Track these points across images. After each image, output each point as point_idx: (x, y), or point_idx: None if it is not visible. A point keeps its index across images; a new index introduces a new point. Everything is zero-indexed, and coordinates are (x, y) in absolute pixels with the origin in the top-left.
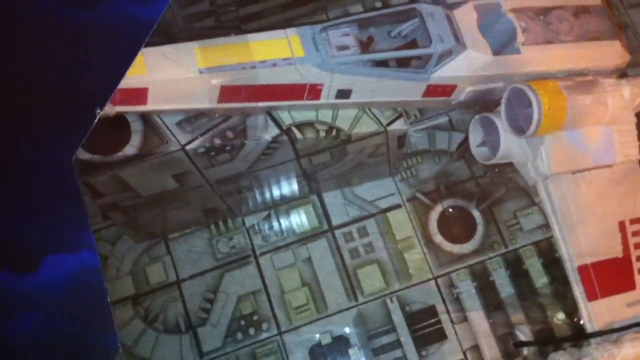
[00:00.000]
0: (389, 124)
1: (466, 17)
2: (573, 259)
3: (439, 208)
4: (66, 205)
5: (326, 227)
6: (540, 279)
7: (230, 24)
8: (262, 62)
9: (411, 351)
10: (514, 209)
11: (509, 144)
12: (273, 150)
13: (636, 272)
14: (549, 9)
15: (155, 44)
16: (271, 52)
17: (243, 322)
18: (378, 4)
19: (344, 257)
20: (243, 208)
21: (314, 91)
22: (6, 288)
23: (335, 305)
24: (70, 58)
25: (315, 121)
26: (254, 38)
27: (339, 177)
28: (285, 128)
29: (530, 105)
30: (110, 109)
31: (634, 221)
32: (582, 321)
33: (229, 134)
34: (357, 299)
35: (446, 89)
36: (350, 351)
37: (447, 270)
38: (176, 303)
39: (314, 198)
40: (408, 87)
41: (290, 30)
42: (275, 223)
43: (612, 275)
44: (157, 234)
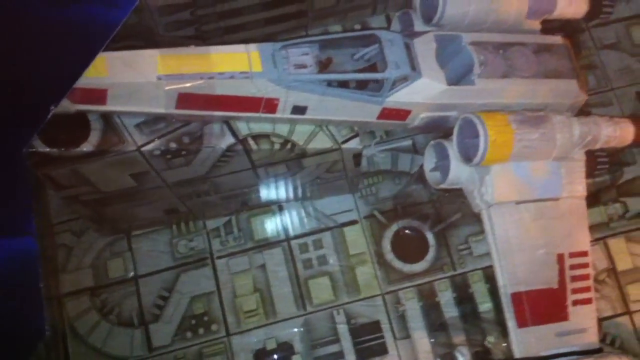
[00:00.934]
0: (344, 142)
1: (425, 47)
2: (507, 285)
3: (395, 227)
4: (11, 193)
5: (283, 236)
6: (485, 304)
7: (210, 34)
8: (220, 73)
9: None
10: (467, 234)
11: (459, 170)
12: (229, 158)
13: (570, 304)
14: (510, 44)
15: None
16: (230, 64)
17: (194, 321)
18: (357, 26)
19: (297, 267)
20: (205, 211)
21: (270, 105)
22: None
23: (284, 313)
24: (32, 54)
25: (271, 133)
26: (215, 50)
27: (296, 190)
28: (241, 138)
29: (478, 136)
30: (71, 106)
31: (573, 255)
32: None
33: (185, 140)
34: (305, 308)
35: (400, 113)
36: (293, 357)
37: (396, 287)
38: (132, 298)
39: (274, 207)
40: (363, 109)
41: (251, 46)
42: (235, 229)
43: (545, 305)
44: (121, 230)
